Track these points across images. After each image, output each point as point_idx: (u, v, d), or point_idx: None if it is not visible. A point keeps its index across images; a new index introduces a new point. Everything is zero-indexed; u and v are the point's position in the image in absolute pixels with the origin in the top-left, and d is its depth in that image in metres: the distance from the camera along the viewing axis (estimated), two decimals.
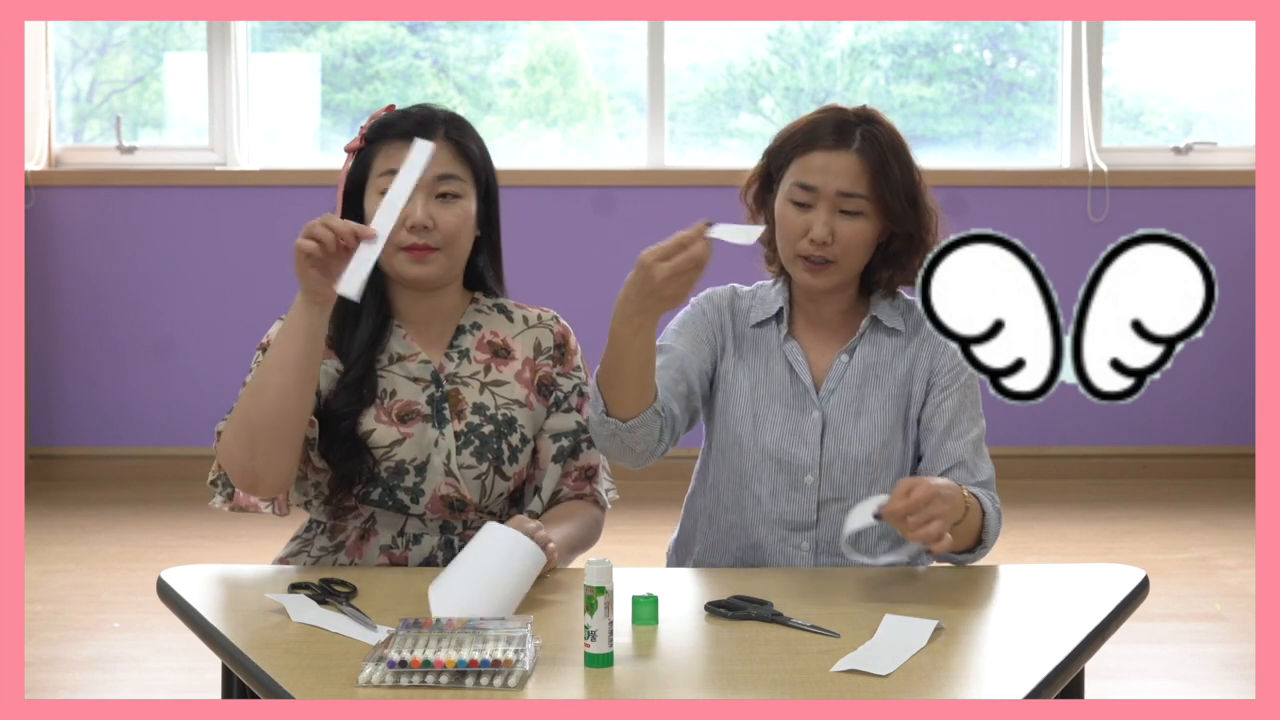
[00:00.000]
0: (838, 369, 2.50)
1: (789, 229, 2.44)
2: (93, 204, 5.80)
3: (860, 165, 2.41)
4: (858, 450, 2.46)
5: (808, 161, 2.43)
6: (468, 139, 2.49)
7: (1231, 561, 4.70)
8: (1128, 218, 5.76)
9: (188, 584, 2.27)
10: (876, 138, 2.42)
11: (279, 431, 2.30)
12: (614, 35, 6.11)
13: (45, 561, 4.67)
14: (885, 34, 6.05)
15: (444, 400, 2.47)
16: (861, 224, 2.42)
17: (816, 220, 2.41)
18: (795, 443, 2.47)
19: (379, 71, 6.04)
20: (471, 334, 2.53)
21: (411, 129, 2.43)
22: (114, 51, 6.10)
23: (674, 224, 2.25)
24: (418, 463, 2.44)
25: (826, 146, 2.42)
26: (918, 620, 2.07)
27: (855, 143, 2.42)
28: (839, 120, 2.44)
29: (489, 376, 2.51)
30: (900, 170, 2.43)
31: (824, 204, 2.41)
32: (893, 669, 1.92)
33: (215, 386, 5.73)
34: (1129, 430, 5.85)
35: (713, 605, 2.14)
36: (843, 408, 2.48)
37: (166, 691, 3.60)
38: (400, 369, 2.48)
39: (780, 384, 2.50)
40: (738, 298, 2.57)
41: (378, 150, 2.46)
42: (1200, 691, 3.64)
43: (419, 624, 1.98)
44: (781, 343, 2.51)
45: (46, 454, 5.81)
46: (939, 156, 6.00)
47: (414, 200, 2.39)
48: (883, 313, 2.51)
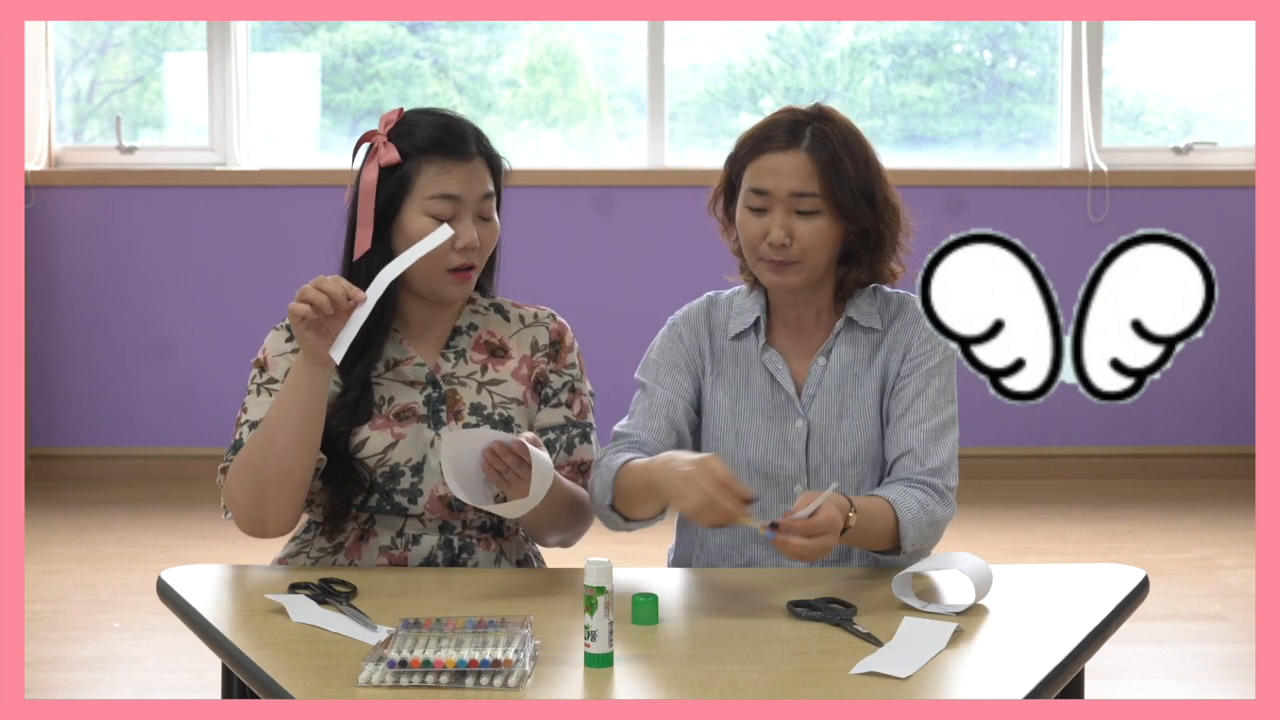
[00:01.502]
0: (815, 373, 2.48)
1: (748, 235, 2.44)
2: (93, 204, 5.80)
3: (811, 164, 2.39)
4: (843, 451, 2.45)
5: (760, 165, 2.42)
6: (491, 148, 2.49)
7: (1231, 561, 4.70)
8: (1128, 218, 5.76)
9: (188, 584, 2.27)
10: (827, 135, 2.41)
11: (286, 486, 2.34)
12: (614, 35, 6.11)
13: (45, 561, 4.67)
14: (885, 34, 6.05)
15: (441, 402, 2.47)
16: (819, 222, 2.40)
17: (773, 223, 2.40)
18: (781, 454, 2.46)
19: (379, 71, 6.04)
20: (468, 334, 2.53)
21: (454, 144, 2.41)
22: (114, 51, 6.10)
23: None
24: (413, 463, 2.44)
25: (777, 148, 2.41)
26: (937, 622, 2.07)
27: (805, 141, 2.40)
28: (790, 121, 2.43)
29: (486, 376, 2.51)
30: (854, 166, 2.41)
31: (779, 206, 2.40)
32: (912, 671, 1.91)
33: (215, 386, 5.73)
34: (1129, 430, 5.85)
35: (795, 605, 2.14)
36: (825, 411, 2.47)
37: (166, 691, 3.60)
38: (395, 375, 2.47)
39: (761, 395, 2.48)
40: (714, 308, 2.56)
41: (422, 167, 2.42)
42: (1200, 691, 3.64)
43: (419, 624, 1.99)
44: (760, 353, 2.49)
45: (46, 454, 5.81)
46: (939, 156, 6.00)
47: (464, 221, 2.40)
48: (859, 312, 2.49)
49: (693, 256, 4.71)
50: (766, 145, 2.42)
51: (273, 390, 2.45)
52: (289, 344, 2.47)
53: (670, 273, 5.66)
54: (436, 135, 2.43)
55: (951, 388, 2.47)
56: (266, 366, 2.47)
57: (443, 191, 2.40)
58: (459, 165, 2.42)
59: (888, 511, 2.33)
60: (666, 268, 5.68)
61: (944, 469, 2.43)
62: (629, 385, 2.55)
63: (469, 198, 2.42)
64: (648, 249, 5.75)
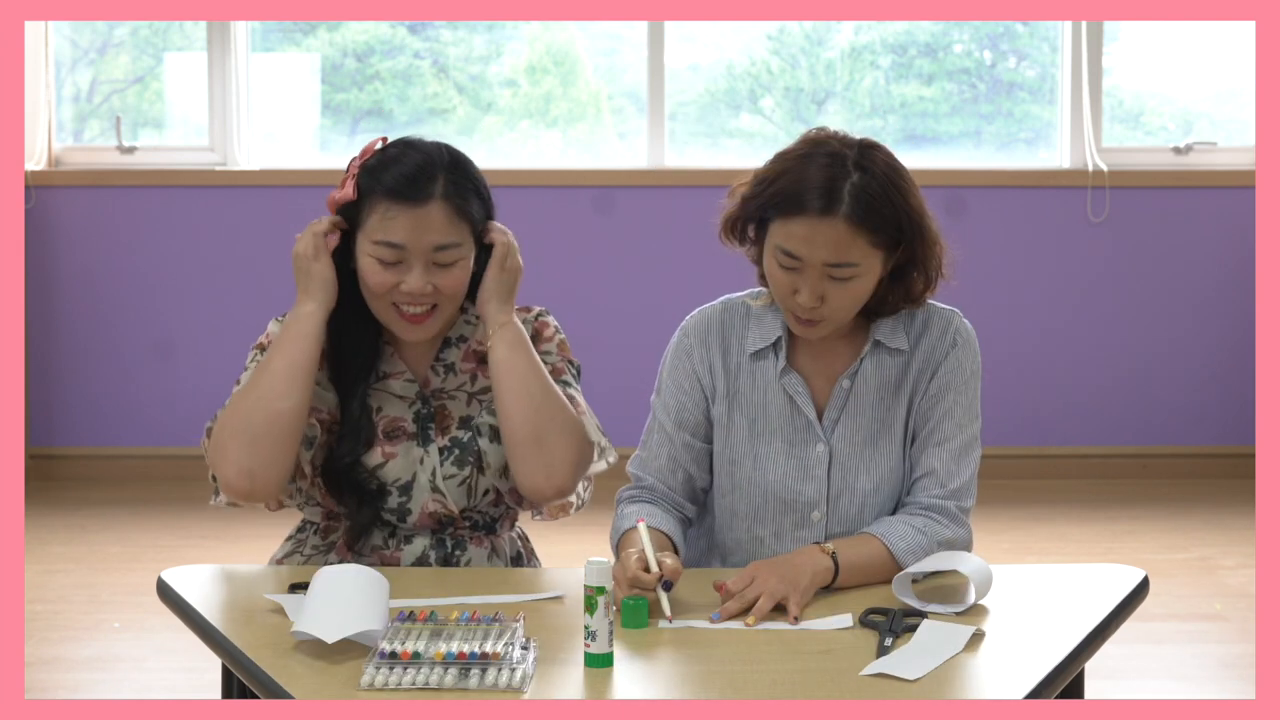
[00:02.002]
0: (839, 396, 2.40)
1: (777, 287, 2.32)
2: (93, 204, 5.80)
3: (850, 231, 2.23)
4: (865, 482, 2.39)
5: (791, 228, 2.25)
6: (467, 195, 2.37)
7: (1231, 561, 4.70)
8: (1128, 218, 5.76)
9: (188, 584, 2.28)
10: (868, 191, 2.24)
11: (276, 430, 2.31)
12: (614, 35, 6.11)
13: (45, 561, 4.67)
14: (885, 34, 6.05)
15: (430, 419, 2.46)
16: (854, 284, 2.28)
17: (804, 286, 2.27)
18: (800, 479, 2.40)
19: (379, 71, 6.04)
20: (457, 347, 2.49)
21: (406, 189, 2.31)
22: (114, 51, 6.10)
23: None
24: (401, 483, 2.43)
25: (812, 214, 2.24)
26: (956, 626, 2.07)
27: (843, 206, 2.23)
28: (826, 179, 2.24)
29: (475, 385, 2.49)
30: (897, 213, 2.27)
31: (810, 271, 2.26)
32: (922, 674, 1.91)
33: (215, 386, 5.70)
34: (1129, 430, 5.85)
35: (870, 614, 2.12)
36: (848, 438, 2.39)
37: (166, 691, 3.60)
38: (384, 387, 2.46)
39: (781, 418, 2.40)
40: (729, 316, 2.45)
41: (372, 206, 2.34)
42: (1200, 691, 3.64)
43: (413, 616, 2.01)
44: (780, 375, 2.41)
45: (46, 454, 5.81)
46: (939, 156, 6.00)
47: (411, 269, 2.32)
48: (884, 333, 2.40)
49: (693, 257, 4.72)
50: (799, 208, 2.25)
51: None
52: None
53: (670, 273, 5.66)
54: (391, 176, 2.34)
55: (977, 401, 2.41)
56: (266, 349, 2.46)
57: (385, 239, 2.32)
58: (406, 211, 2.32)
59: (875, 545, 2.30)
60: (666, 268, 5.68)
61: (962, 490, 2.38)
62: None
63: (415, 246, 2.32)
64: (648, 249, 5.75)
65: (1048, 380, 5.79)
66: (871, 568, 2.28)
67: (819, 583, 2.22)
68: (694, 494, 2.48)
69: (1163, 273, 5.79)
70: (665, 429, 2.45)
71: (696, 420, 2.45)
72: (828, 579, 2.23)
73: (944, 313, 2.45)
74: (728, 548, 2.48)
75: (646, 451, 2.47)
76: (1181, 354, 5.80)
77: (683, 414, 2.44)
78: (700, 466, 2.46)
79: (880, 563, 2.29)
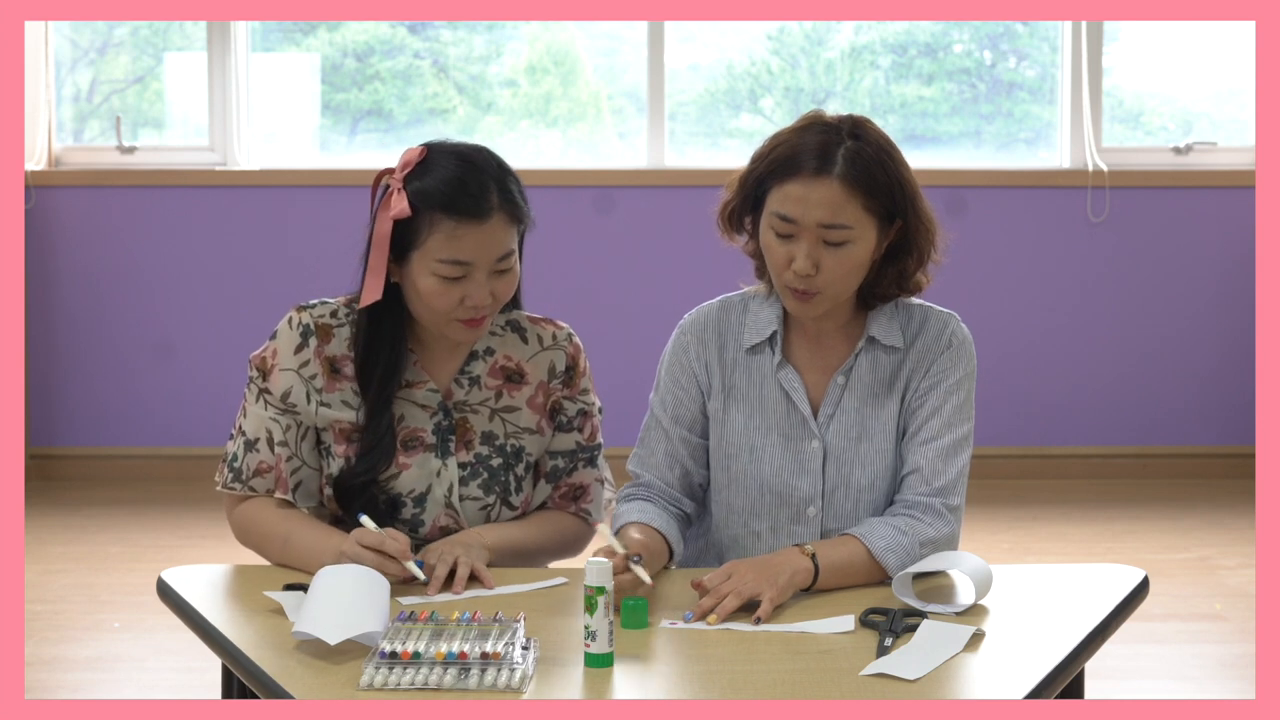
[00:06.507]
0: (834, 392, 2.41)
1: (773, 259, 2.34)
2: (93, 204, 5.80)
3: (844, 192, 2.28)
4: (860, 477, 2.40)
5: (787, 190, 2.30)
6: (516, 201, 2.36)
7: (1231, 561, 4.70)
8: (1128, 218, 5.76)
9: (188, 584, 2.28)
10: (861, 156, 2.29)
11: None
12: (614, 35, 6.11)
13: (45, 561, 4.67)
14: (885, 34, 6.05)
15: (451, 431, 2.44)
16: (849, 250, 2.30)
17: (799, 252, 2.29)
18: (796, 474, 2.41)
19: (379, 71, 6.04)
20: (484, 359, 2.47)
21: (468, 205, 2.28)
22: (114, 51, 6.10)
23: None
24: (415, 494, 2.42)
25: (807, 174, 2.28)
26: (956, 626, 2.07)
27: (836, 166, 2.28)
28: (820, 143, 2.30)
29: (500, 403, 2.47)
30: (889, 180, 2.30)
31: (806, 235, 2.29)
32: (922, 674, 1.91)
33: (216, 386, 5.73)
34: (1129, 430, 5.85)
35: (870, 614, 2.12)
36: (843, 434, 2.41)
37: (166, 691, 3.60)
38: (407, 395, 2.44)
39: (777, 413, 2.42)
40: (726, 313, 2.47)
41: (434, 227, 2.30)
42: (1200, 691, 3.64)
43: (414, 616, 2.01)
44: (776, 370, 2.42)
45: (46, 454, 5.81)
46: (939, 156, 6.00)
47: (475, 281, 2.31)
48: (880, 328, 2.41)
49: (693, 256, 4.72)
50: (795, 171, 2.29)
51: (269, 402, 2.41)
52: (297, 356, 2.42)
53: (670, 273, 5.66)
54: (451, 192, 2.30)
55: (969, 404, 2.41)
56: (268, 374, 2.42)
57: (453, 258, 2.30)
58: (473, 230, 2.30)
59: (854, 545, 2.29)
60: (667, 268, 5.68)
61: (948, 488, 2.37)
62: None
63: (482, 261, 2.31)
64: (648, 249, 5.75)
65: (1047, 380, 5.79)
66: (852, 568, 2.28)
67: (798, 583, 2.22)
68: (692, 490, 2.49)
69: (1163, 273, 5.79)
70: (662, 425, 2.46)
71: (693, 415, 2.46)
72: (807, 580, 2.24)
73: (942, 315, 2.46)
74: (724, 544, 2.48)
75: (644, 449, 2.49)
76: (1181, 354, 5.80)
77: (679, 409, 2.46)
78: (697, 462, 2.47)
79: (860, 563, 2.29)
